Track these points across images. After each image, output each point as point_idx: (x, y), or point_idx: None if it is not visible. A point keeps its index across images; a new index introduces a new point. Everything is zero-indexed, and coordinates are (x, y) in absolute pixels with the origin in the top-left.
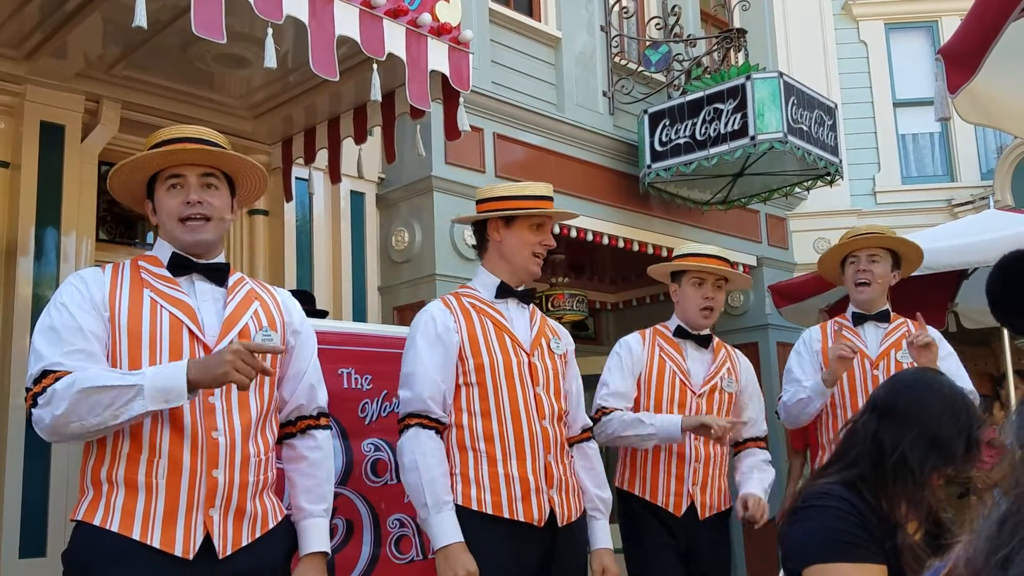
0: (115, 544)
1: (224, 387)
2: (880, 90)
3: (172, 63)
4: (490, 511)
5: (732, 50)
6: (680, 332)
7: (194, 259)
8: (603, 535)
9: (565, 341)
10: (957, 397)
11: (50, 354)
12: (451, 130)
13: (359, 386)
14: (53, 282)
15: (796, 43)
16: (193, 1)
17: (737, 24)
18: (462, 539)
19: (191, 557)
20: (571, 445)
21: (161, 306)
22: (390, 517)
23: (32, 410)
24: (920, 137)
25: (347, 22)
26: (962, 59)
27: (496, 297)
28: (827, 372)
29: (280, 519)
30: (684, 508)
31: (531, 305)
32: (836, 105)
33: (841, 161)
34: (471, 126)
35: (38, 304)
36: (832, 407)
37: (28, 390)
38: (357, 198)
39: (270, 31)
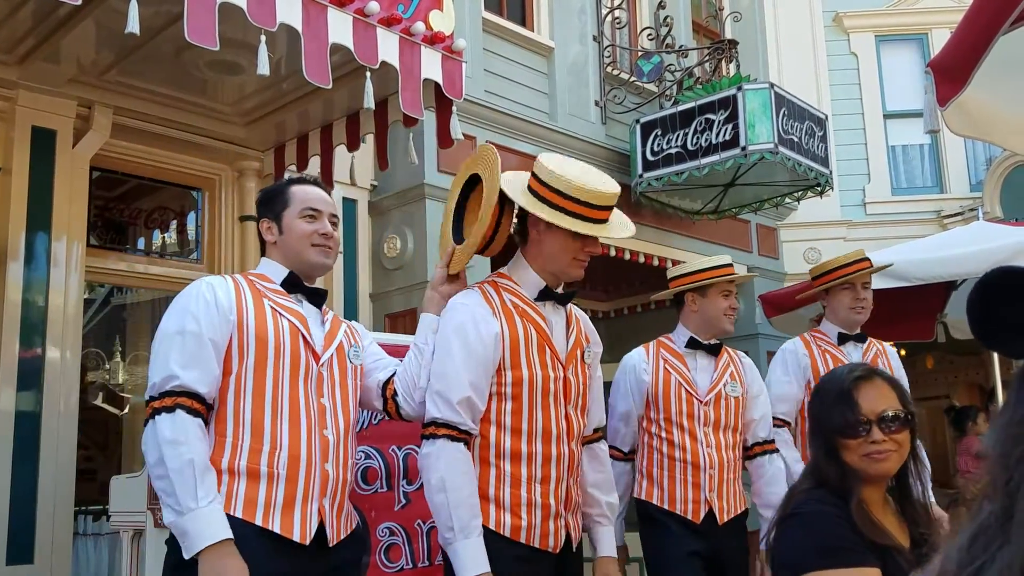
0: (237, 528)
1: (331, 390)
2: (870, 102)
3: (165, 69)
4: (508, 534)
5: (724, 61)
6: (692, 343)
7: (304, 281)
8: (608, 542)
9: (594, 342)
10: (825, 378)
11: (174, 366)
12: (444, 138)
13: None
14: (43, 287)
15: (787, 54)
16: (186, 8)
17: (729, 35)
18: (488, 570)
19: (307, 543)
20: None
21: (280, 314)
22: (380, 525)
23: (152, 419)
24: (910, 149)
25: (340, 30)
26: (952, 72)
27: (537, 299)
28: None
29: (357, 520)
30: (702, 515)
31: (568, 307)
32: (827, 116)
33: (831, 172)
34: (464, 134)
35: (28, 309)
36: None
37: (152, 398)
38: (349, 205)
39: (263, 38)
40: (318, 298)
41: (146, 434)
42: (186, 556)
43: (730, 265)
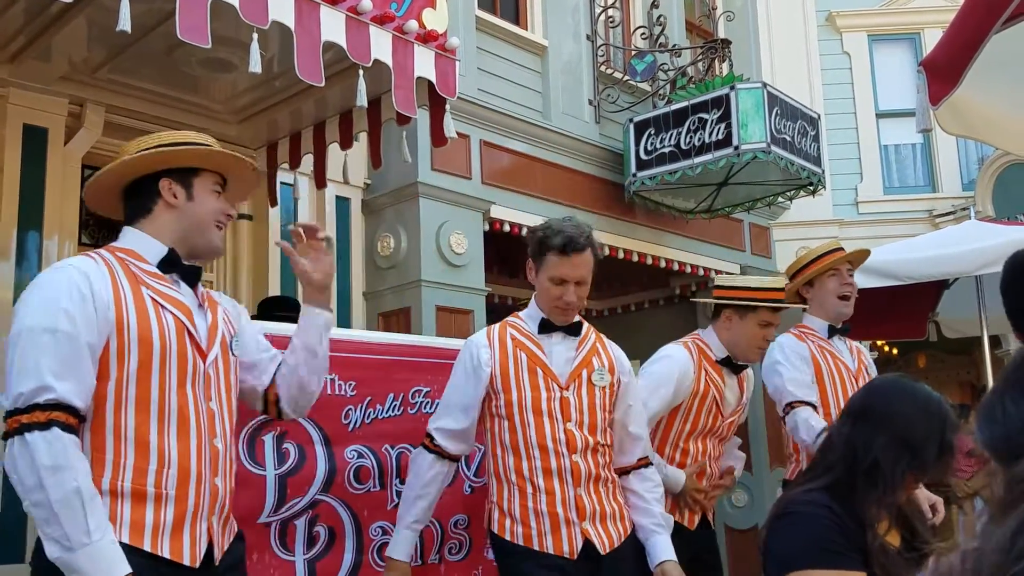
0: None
1: (217, 392)
2: (863, 101)
3: (157, 67)
4: (521, 542)
5: (717, 60)
6: (726, 361)
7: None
8: (665, 549)
9: (619, 370)
10: (931, 402)
11: (47, 375)
12: (437, 137)
13: (343, 392)
14: None
15: (780, 54)
16: (178, 5)
17: (722, 35)
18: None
19: (197, 566)
20: (628, 473)
21: (162, 307)
22: (372, 524)
23: (20, 436)
24: (902, 148)
25: (333, 28)
26: (944, 71)
27: (540, 331)
28: None
29: (235, 524)
30: (697, 521)
31: (585, 333)
32: (819, 116)
33: (824, 171)
34: (457, 133)
35: None
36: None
37: (18, 410)
38: (343, 203)
39: (255, 36)
40: (194, 277)
41: (13, 454)
42: None
43: (781, 290)
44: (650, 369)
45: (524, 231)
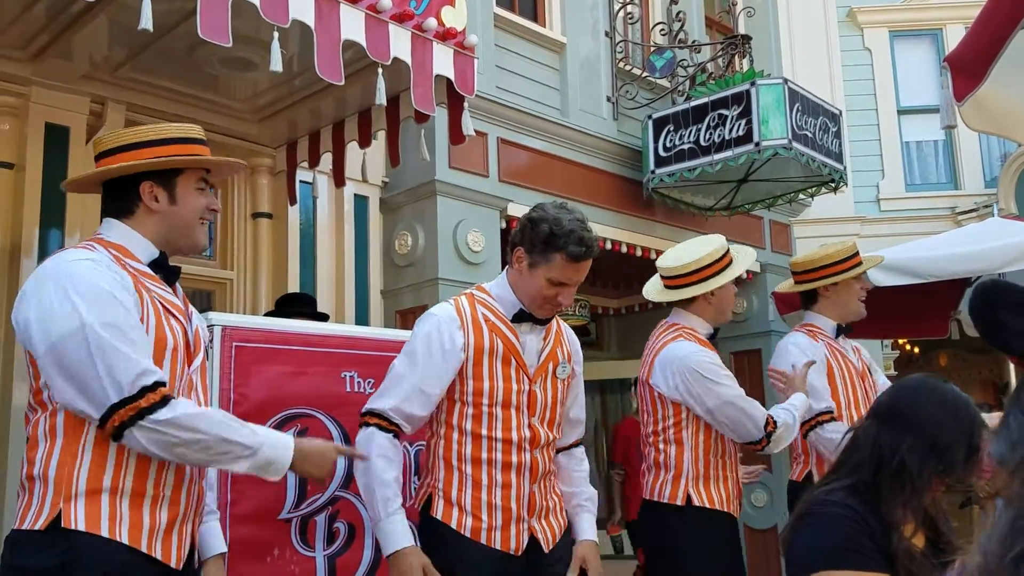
0: (122, 555)
1: (199, 398)
2: (884, 97)
3: (178, 66)
4: (469, 535)
5: (737, 56)
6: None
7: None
8: (590, 528)
9: (574, 359)
10: (960, 404)
11: (142, 359)
12: (455, 134)
13: (362, 390)
14: None
15: (801, 50)
16: (199, 4)
17: (742, 30)
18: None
19: (181, 567)
20: (558, 452)
21: (167, 311)
22: None
23: (141, 423)
24: (924, 144)
25: (353, 26)
26: (969, 67)
27: (513, 320)
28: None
29: None
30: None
31: (549, 322)
32: (840, 112)
33: (845, 168)
34: (475, 130)
35: None
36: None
37: (128, 399)
38: (361, 202)
39: (276, 35)
40: (175, 277)
41: (137, 440)
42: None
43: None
44: (708, 371)
45: None
